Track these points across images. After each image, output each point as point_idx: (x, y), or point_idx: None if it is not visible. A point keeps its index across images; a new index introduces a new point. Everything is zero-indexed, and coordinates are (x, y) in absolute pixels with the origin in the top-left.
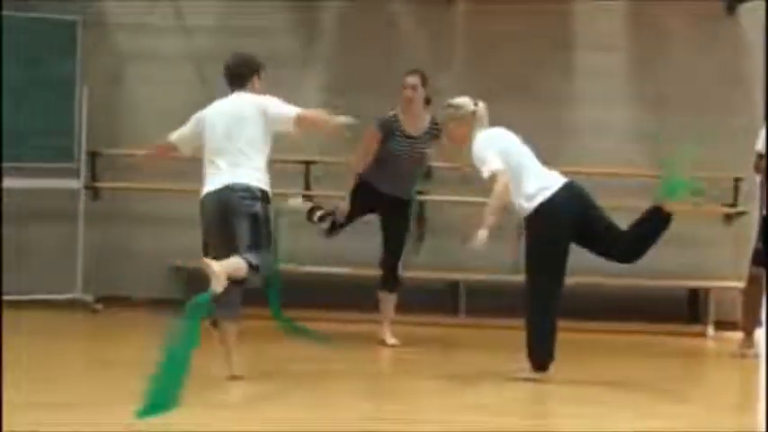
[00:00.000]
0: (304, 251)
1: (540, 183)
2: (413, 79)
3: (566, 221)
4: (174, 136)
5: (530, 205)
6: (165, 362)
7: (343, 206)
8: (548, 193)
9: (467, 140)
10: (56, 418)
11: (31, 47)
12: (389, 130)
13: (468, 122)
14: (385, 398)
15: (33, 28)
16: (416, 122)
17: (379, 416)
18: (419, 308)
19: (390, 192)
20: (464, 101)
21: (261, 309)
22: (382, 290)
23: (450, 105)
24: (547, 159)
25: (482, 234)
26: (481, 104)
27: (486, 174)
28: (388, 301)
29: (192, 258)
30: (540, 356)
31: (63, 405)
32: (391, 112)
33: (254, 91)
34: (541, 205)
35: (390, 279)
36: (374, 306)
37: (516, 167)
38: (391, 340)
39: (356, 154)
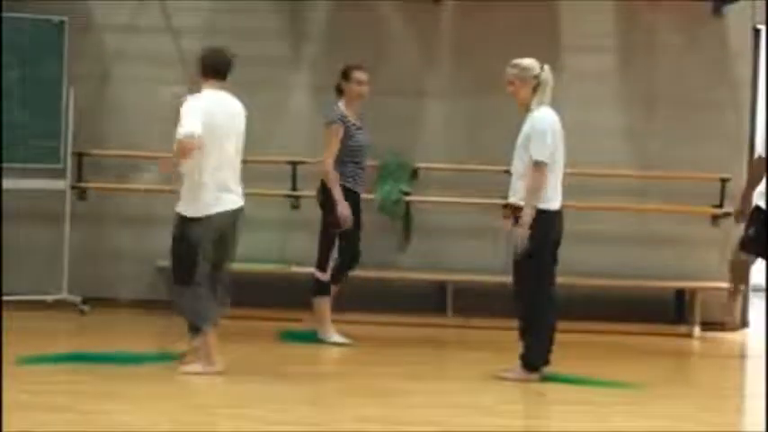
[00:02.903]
0: (292, 252)
1: (555, 191)
2: (366, 75)
3: (554, 237)
4: (197, 132)
5: (540, 204)
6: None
7: (344, 211)
8: (557, 205)
9: (527, 101)
10: (49, 419)
11: (18, 47)
12: (346, 126)
13: (532, 84)
14: (375, 398)
15: (20, 28)
16: (357, 115)
17: (370, 416)
18: (407, 308)
19: (361, 190)
20: (531, 63)
21: (253, 310)
22: (333, 289)
23: (516, 65)
24: None
25: (523, 233)
26: (546, 68)
27: (534, 156)
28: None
29: None
30: (533, 357)
31: (56, 406)
32: (338, 110)
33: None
34: (549, 211)
35: (344, 278)
36: (360, 306)
37: (553, 161)
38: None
39: (328, 155)
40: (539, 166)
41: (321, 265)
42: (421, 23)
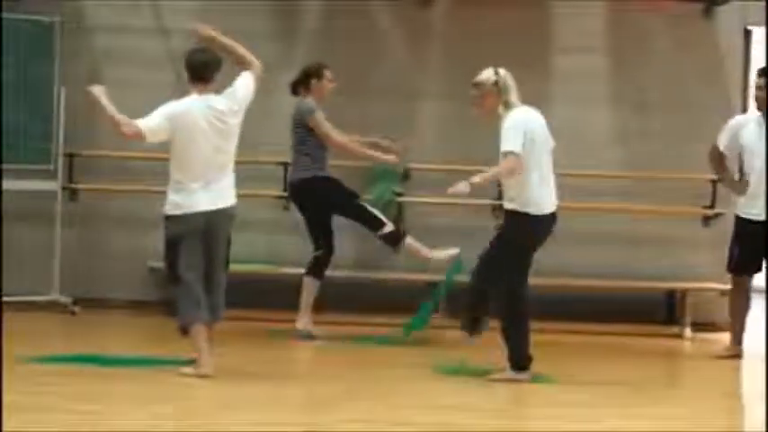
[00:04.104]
0: (282, 253)
1: (542, 193)
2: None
3: (540, 240)
4: (145, 127)
5: (524, 208)
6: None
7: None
8: (546, 210)
9: (494, 112)
10: (44, 419)
11: (9, 48)
12: None
13: (494, 94)
14: (371, 399)
15: (11, 29)
16: None
17: (366, 417)
18: (400, 308)
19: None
20: (486, 74)
21: (251, 311)
22: (316, 284)
23: (476, 85)
24: None
25: (464, 185)
26: (502, 72)
27: (501, 148)
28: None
29: None
30: (522, 357)
31: (51, 406)
32: (313, 104)
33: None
34: (532, 216)
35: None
36: (354, 308)
37: (532, 160)
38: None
39: (333, 132)
40: (506, 157)
41: (378, 225)
42: (412, 25)
